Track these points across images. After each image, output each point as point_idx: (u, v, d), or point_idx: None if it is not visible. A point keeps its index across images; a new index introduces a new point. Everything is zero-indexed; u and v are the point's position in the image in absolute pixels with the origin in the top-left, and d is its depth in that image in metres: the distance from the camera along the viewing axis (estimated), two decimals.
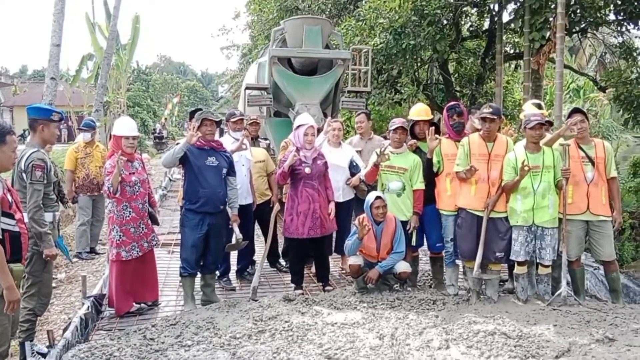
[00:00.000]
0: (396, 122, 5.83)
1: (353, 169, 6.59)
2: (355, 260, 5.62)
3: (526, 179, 5.21)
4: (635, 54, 13.39)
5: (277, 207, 6.13)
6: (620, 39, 14.43)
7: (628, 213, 10.67)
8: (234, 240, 5.78)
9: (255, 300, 5.52)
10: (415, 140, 5.87)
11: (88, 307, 5.24)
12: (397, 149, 5.79)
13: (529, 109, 5.98)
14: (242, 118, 6.49)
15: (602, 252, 5.36)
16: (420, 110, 5.99)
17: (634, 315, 4.86)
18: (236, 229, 5.69)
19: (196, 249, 5.43)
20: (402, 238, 5.62)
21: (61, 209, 6.22)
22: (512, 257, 5.33)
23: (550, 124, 6.24)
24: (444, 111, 5.78)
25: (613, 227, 5.40)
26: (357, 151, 6.76)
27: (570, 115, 5.44)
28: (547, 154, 5.27)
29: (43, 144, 4.52)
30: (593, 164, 5.26)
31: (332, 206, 5.92)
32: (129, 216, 5.32)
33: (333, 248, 6.74)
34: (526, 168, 5.11)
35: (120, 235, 5.29)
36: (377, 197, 5.53)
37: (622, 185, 10.87)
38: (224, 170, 5.54)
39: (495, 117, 5.31)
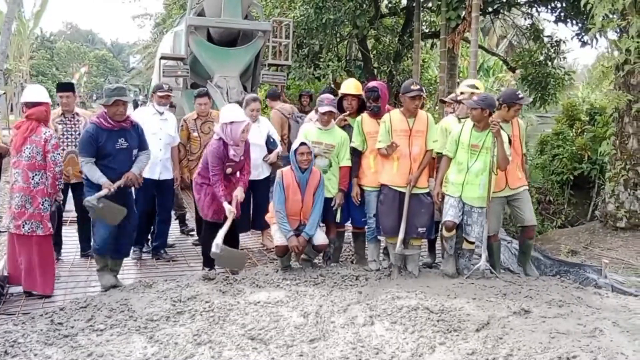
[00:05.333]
0: (324, 102, 5.64)
1: (270, 145, 6.44)
2: (281, 240, 5.47)
3: (464, 154, 5.28)
4: (542, 36, 13.99)
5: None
6: (529, 22, 15.05)
7: (535, 188, 11.19)
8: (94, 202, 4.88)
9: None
10: (345, 115, 5.79)
11: None
12: (324, 126, 5.68)
13: (463, 89, 5.97)
14: (169, 94, 6.21)
15: (525, 217, 5.52)
16: (349, 85, 5.89)
17: (546, 288, 5.05)
18: (102, 192, 4.87)
19: (109, 228, 5.07)
20: (322, 193, 5.51)
21: None
22: (442, 219, 5.39)
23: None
24: (364, 92, 5.70)
25: None
26: None
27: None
28: (491, 135, 5.22)
29: None
30: (510, 142, 5.39)
31: (238, 192, 5.48)
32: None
33: (251, 224, 6.64)
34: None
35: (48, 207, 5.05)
36: (302, 144, 5.37)
37: (530, 162, 11.37)
38: (135, 152, 5.16)
39: (422, 94, 5.36)
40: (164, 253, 6.38)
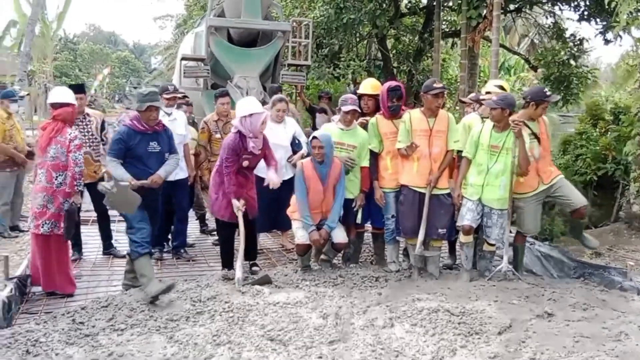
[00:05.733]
0: (348, 102, 5.54)
1: (295, 146, 6.42)
2: (303, 239, 5.45)
3: (483, 155, 5.21)
4: (565, 35, 13.78)
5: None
6: (551, 20, 14.83)
7: None
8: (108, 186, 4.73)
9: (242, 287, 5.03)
10: (366, 118, 5.74)
11: (11, 289, 4.86)
12: (346, 126, 5.63)
13: (490, 88, 5.86)
14: (175, 95, 6.24)
15: (574, 201, 5.37)
16: (367, 85, 5.87)
17: (570, 290, 4.96)
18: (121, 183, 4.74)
19: (147, 223, 4.96)
20: (343, 185, 5.46)
21: None
22: (458, 223, 5.32)
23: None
24: (385, 91, 5.62)
25: None
26: None
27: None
28: (512, 136, 5.14)
29: None
30: (539, 140, 5.28)
31: (272, 174, 5.49)
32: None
33: (274, 224, 6.66)
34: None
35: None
36: (314, 137, 5.37)
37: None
38: (166, 155, 5.12)
39: (445, 91, 5.31)
40: (184, 252, 6.41)
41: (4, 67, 24.11)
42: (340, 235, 5.52)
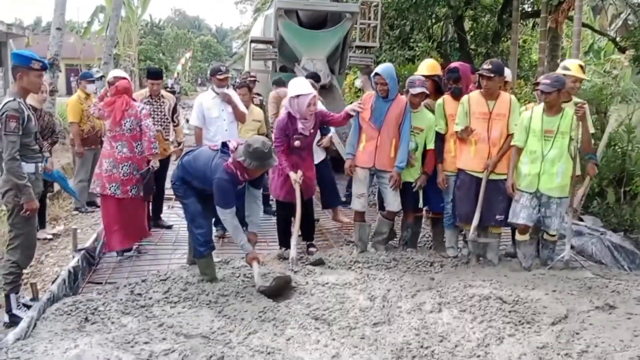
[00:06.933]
0: (416, 84, 5.35)
1: (322, 130, 6.37)
2: (358, 206, 5.49)
3: (536, 142, 4.93)
4: None
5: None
6: None
7: None
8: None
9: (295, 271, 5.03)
10: (428, 101, 5.61)
11: (78, 260, 5.15)
12: (413, 108, 5.48)
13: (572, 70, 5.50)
14: (227, 76, 6.34)
15: None
16: (422, 67, 5.75)
17: (638, 283, 4.67)
18: (256, 269, 4.60)
19: (209, 220, 4.99)
20: (408, 125, 5.32)
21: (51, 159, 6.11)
22: (511, 219, 5.11)
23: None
24: (444, 73, 5.48)
25: None
26: None
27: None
28: (566, 118, 4.87)
29: (24, 93, 4.31)
30: None
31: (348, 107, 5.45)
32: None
33: (322, 205, 6.89)
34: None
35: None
36: (376, 74, 5.30)
37: (638, 150, 10.55)
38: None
39: (492, 74, 4.99)
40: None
41: (92, 51, 25.36)
42: (394, 204, 5.45)
